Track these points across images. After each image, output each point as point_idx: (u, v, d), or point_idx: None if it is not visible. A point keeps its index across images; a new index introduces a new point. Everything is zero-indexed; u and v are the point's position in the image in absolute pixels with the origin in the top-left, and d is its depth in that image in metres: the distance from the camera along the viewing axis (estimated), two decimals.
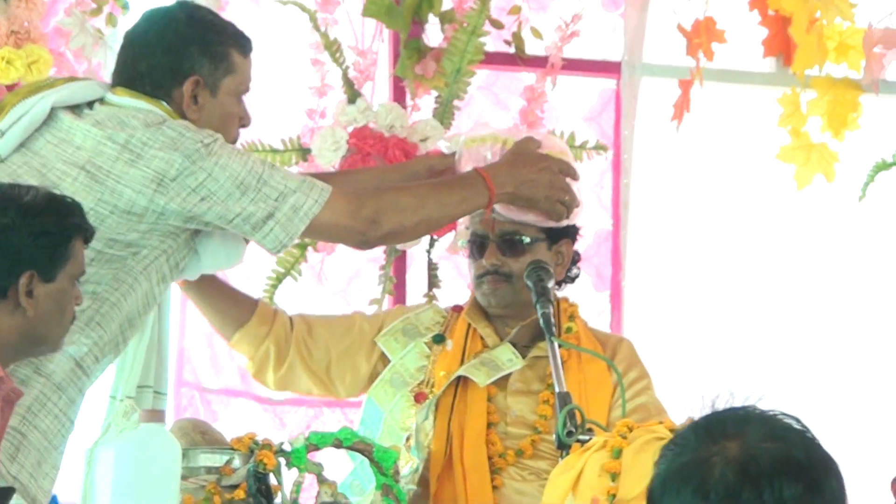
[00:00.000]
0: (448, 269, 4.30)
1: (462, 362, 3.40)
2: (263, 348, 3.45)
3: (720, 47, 4.44)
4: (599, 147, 4.39)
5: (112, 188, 2.86)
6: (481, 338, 3.46)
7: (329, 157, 4.24)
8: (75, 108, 2.97)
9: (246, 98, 3.16)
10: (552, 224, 3.39)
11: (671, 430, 2.68)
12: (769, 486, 1.72)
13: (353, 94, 4.30)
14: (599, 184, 4.49)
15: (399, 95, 4.39)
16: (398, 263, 4.37)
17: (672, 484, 1.75)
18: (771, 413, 1.79)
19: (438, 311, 3.57)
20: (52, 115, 2.96)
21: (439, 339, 3.47)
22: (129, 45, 3.09)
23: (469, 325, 3.46)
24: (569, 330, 3.48)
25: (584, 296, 4.37)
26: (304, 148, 4.28)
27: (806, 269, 4.72)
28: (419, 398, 3.39)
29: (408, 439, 3.35)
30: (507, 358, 3.37)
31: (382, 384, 3.41)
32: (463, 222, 3.61)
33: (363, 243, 3.11)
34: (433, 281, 4.26)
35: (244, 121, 3.11)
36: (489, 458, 3.33)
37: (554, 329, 3.19)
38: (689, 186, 4.64)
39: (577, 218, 3.46)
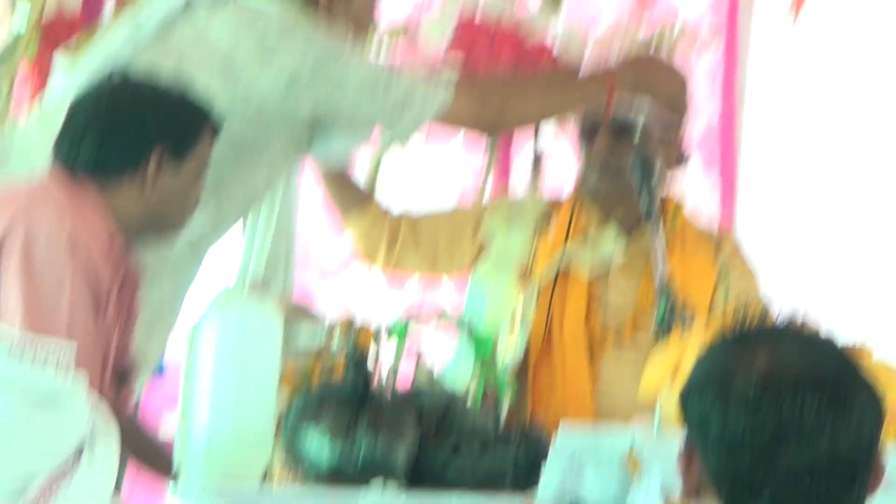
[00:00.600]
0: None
1: (566, 241, 3.35)
2: (377, 228, 3.44)
3: None
4: (712, 39, 4.25)
5: (245, 88, 2.92)
6: (584, 225, 3.41)
7: (435, 45, 4.15)
8: (212, 2, 3.00)
9: None
10: (671, 117, 3.33)
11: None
12: (791, 399, 1.69)
13: None
14: (712, 73, 4.37)
15: None
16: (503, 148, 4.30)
17: (698, 387, 1.75)
18: (810, 331, 1.77)
19: (541, 198, 3.52)
20: (188, 7, 3.00)
21: (542, 225, 3.42)
22: None
23: (574, 203, 3.42)
24: (672, 227, 3.42)
25: (692, 181, 4.32)
26: (410, 37, 4.20)
27: None
28: (524, 279, 3.35)
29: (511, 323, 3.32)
30: (610, 242, 3.32)
31: (488, 264, 3.40)
32: None
33: (489, 131, 3.29)
34: (536, 173, 4.18)
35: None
36: (588, 344, 3.28)
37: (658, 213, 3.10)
38: (806, 83, 4.50)
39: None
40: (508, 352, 3.26)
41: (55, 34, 3.89)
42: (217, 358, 2.45)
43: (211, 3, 3.00)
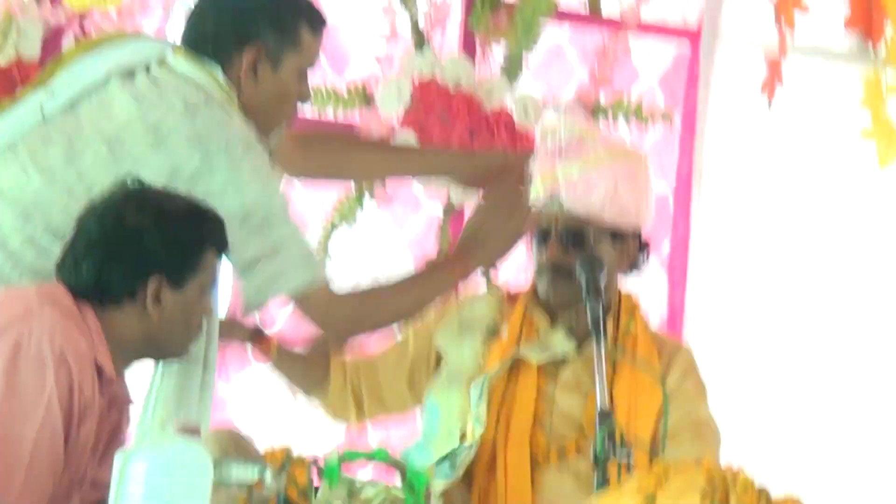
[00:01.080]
0: None
1: (518, 342, 3.31)
2: (343, 397, 3.40)
3: (801, 20, 4.30)
4: (665, 116, 4.29)
5: (129, 169, 2.73)
6: (537, 326, 3.37)
7: (392, 107, 4.19)
8: (130, 73, 2.85)
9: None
10: (616, 223, 3.28)
11: (709, 476, 2.58)
12: None
13: (420, 42, 4.24)
14: (658, 150, 4.39)
15: (469, 47, 4.32)
16: (456, 222, 4.32)
17: None
18: None
19: (494, 298, 3.44)
20: (105, 78, 2.84)
21: (493, 331, 3.38)
22: (201, 2, 2.96)
23: (525, 311, 3.36)
24: (627, 330, 3.36)
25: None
26: (368, 96, 4.23)
27: (890, 255, 4.58)
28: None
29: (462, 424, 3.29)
30: (560, 342, 3.27)
31: (440, 383, 3.33)
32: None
33: (336, 338, 3.15)
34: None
35: (303, 97, 2.94)
36: (531, 454, 3.24)
37: (602, 330, 3.02)
38: (762, 160, 4.52)
39: (649, 219, 3.35)
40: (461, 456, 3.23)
41: (12, 77, 3.92)
42: (146, 496, 2.45)
43: (127, 72, 2.84)
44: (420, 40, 4.23)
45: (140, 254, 2.57)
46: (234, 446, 2.82)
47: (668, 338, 3.50)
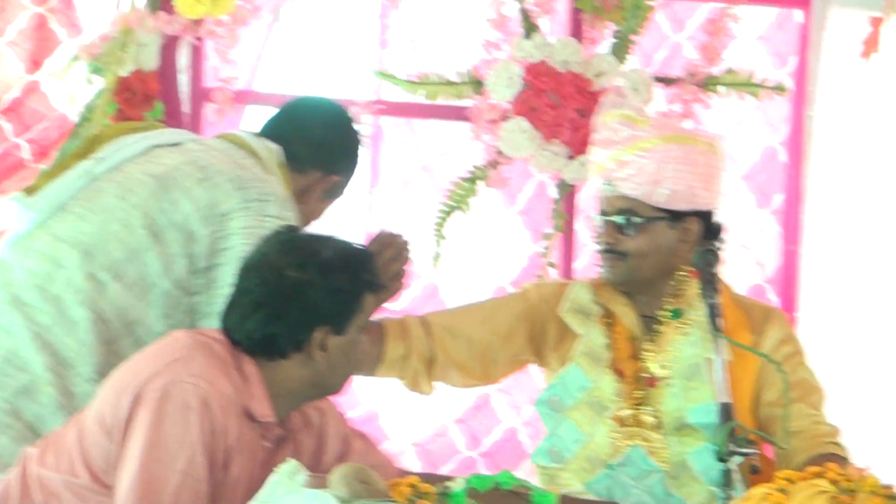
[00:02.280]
0: None
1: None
2: (410, 368, 3.45)
3: None
4: (779, 88, 4.27)
5: (175, 199, 2.95)
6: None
7: (503, 93, 4.22)
8: (174, 144, 3.09)
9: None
10: (669, 205, 3.33)
11: (834, 482, 2.62)
12: None
13: (530, 28, 4.26)
14: (768, 103, 4.36)
15: (577, 30, 4.33)
16: (568, 199, 4.37)
17: None
18: None
19: (585, 289, 3.50)
20: (151, 148, 3.08)
21: (607, 320, 3.44)
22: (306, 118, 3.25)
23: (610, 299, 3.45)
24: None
25: (746, 214, 4.34)
26: (478, 80, 4.27)
27: None
28: (620, 374, 3.39)
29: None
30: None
31: (581, 356, 3.40)
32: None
33: None
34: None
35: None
36: None
37: (720, 325, 3.07)
38: (873, 126, 4.49)
39: (713, 201, 3.38)
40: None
41: (133, 89, 4.01)
42: None
43: (171, 144, 3.06)
44: (529, 26, 4.25)
45: (305, 309, 2.65)
46: (361, 483, 2.91)
47: (756, 302, 3.52)
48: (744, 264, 4.37)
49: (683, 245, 3.38)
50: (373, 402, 4.40)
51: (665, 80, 4.32)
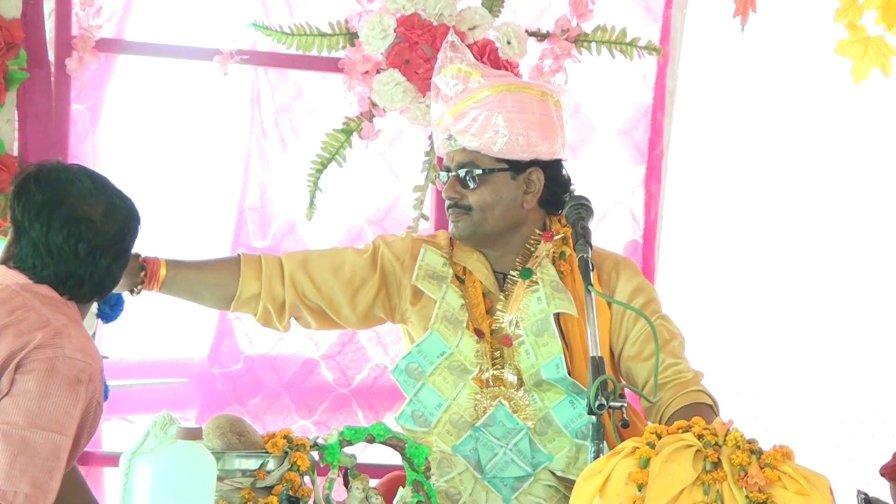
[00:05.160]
0: None
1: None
2: (261, 306, 3.48)
3: None
4: (651, 48, 4.32)
5: None
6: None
7: (377, 45, 4.22)
8: None
9: None
10: (508, 155, 3.38)
11: (700, 436, 2.68)
12: None
13: None
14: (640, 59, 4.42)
15: None
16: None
17: None
18: None
19: (435, 253, 3.52)
20: None
21: (460, 281, 3.48)
22: None
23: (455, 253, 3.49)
24: (562, 255, 3.47)
25: (620, 168, 4.40)
26: (351, 32, 4.26)
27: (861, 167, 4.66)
28: (479, 334, 3.41)
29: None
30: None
31: (438, 321, 3.43)
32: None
33: None
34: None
35: None
36: None
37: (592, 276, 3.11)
38: (738, 81, 4.57)
39: (555, 150, 3.43)
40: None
41: (6, 36, 3.92)
42: (151, 498, 2.58)
43: None
44: None
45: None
46: (236, 435, 2.92)
47: (606, 252, 3.56)
48: (618, 220, 4.43)
49: (527, 196, 3.43)
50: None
51: (538, 35, 4.35)
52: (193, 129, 4.51)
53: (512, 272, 3.44)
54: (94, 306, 3.63)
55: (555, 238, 3.47)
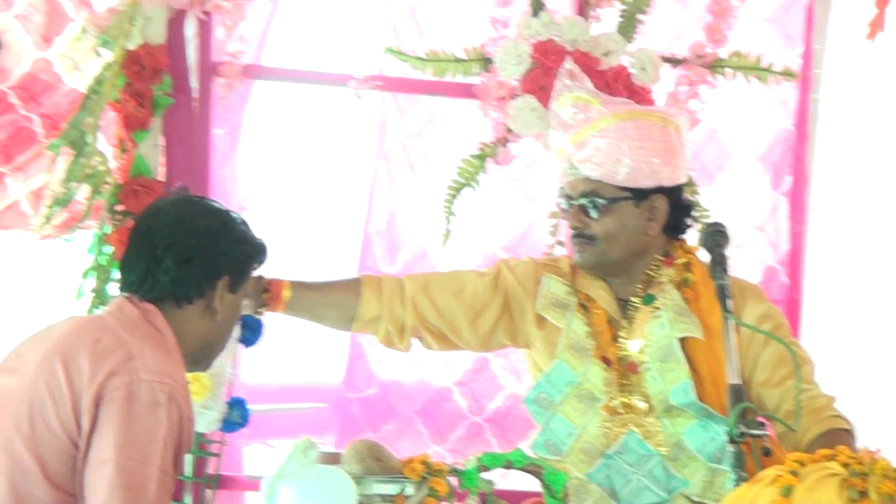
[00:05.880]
0: None
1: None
2: (382, 328, 3.49)
3: None
4: (787, 73, 4.27)
5: None
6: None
7: (512, 71, 4.22)
8: None
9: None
10: (632, 183, 3.35)
11: (846, 465, 2.63)
12: None
13: (536, 6, 4.26)
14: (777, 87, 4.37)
15: (581, 8, 4.33)
16: None
17: None
18: None
19: (557, 282, 3.50)
20: None
21: (584, 308, 3.46)
22: None
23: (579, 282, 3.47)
24: (685, 282, 3.43)
25: (758, 195, 4.35)
26: (486, 58, 4.26)
27: None
28: (606, 361, 3.40)
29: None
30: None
31: (565, 350, 3.42)
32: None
33: None
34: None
35: None
36: None
37: (729, 305, 3.09)
38: (879, 106, 4.50)
39: (677, 176, 3.41)
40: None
41: (142, 62, 4.00)
42: None
43: None
44: (537, 3, 4.25)
45: (215, 255, 2.71)
46: (375, 460, 2.93)
47: (733, 277, 3.46)
48: (757, 246, 4.39)
49: (651, 223, 3.40)
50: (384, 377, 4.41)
51: (672, 61, 4.32)
52: (320, 154, 4.56)
53: (634, 298, 3.42)
54: (237, 331, 3.67)
55: (676, 263, 3.45)
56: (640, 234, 3.39)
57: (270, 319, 3.74)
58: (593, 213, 3.37)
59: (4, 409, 2.56)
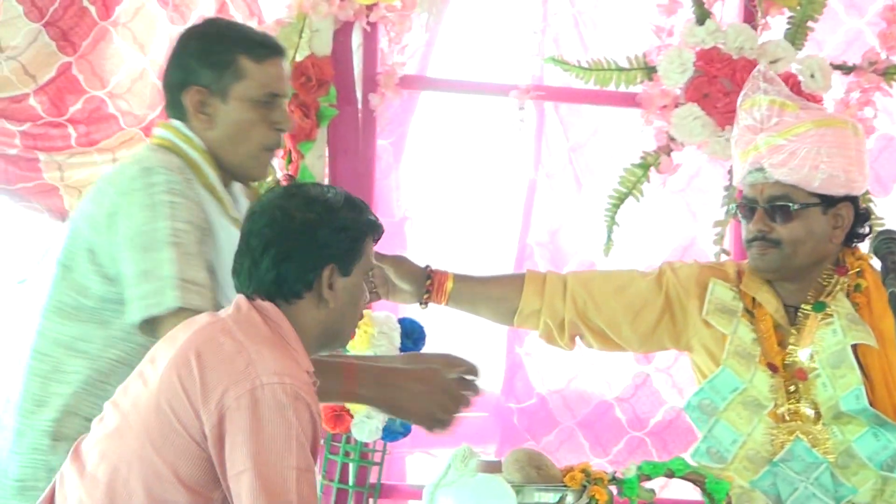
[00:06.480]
0: None
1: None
2: (542, 322, 3.47)
3: None
4: None
5: (74, 228, 2.96)
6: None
7: (675, 79, 4.18)
8: None
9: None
10: (825, 190, 3.28)
11: None
12: None
13: (702, 14, 4.21)
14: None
15: (749, 16, 4.27)
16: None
17: None
18: None
19: (724, 287, 3.45)
20: None
21: (750, 314, 3.41)
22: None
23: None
24: (857, 288, 3.36)
25: None
26: (649, 66, 4.23)
27: None
28: (772, 368, 3.35)
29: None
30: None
31: (731, 357, 3.37)
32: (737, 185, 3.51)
33: None
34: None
35: (278, 124, 3.02)
36: None
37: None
38: None
39: (864, 184, 3.33)
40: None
41: (308, 74, 4.06)
42: None
43: None
44: (702, 13, 4.20)
45: (314, 246, 2.68)
46: (535, 468, 2.92)
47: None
48: None
49: (836, 231, 3.34)
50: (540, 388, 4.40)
51: (843, 68, 4.23)
52: (481, 164, 4.57)
53: (804, 306, 3.36)
54: (397, 339, 3.69)
55: (850, 272, 3.38)
56: (825, 242, 3.35)
57: (429, 328, 3.76)
58: (781, 218, 3.33)
59: (138, 417, 2.61)
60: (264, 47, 3.02)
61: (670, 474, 2.97)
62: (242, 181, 3.07)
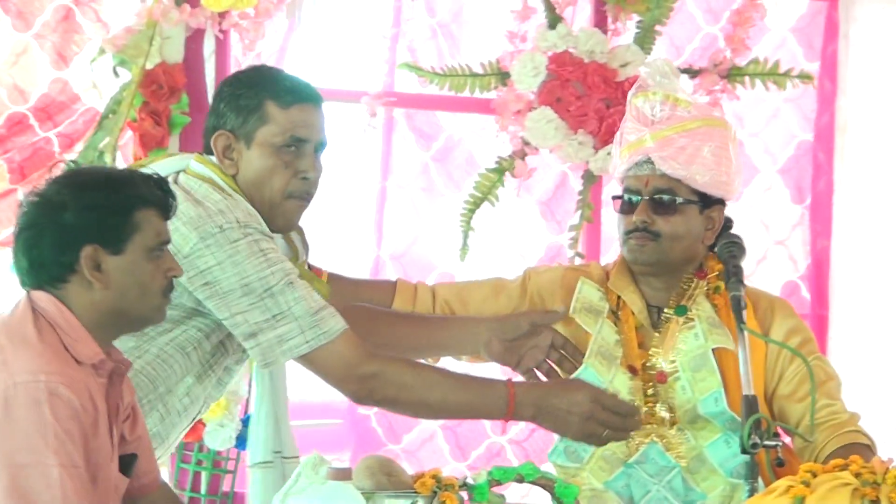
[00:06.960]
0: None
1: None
2: None
3: None
4: (804, 76, 4.25)
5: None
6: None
7: (528, 83, 4.22)
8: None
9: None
10: (706, 189, 3.33)
11: (857, 474, 2.60)
12: None
13: (554, 19, 4.26)
14: (801, 97, 4.34)
15: (600, 20, 4.33)
16: (595, 190, 4.36)
17: None
18: None
19: (592, 287, 3.49)
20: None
21: (616, 316, 3.44)
22: None
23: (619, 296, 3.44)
24: (717, 290, 3.41)
25: (780, 209, 4.31)
26: (503, 72, 4.27)
27: None
28: (632, 371, 3.38)
29: None
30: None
31: (593, 356, 3.40)
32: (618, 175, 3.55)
33: (353, 399, 3.04)
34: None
35: (303, 173, 2.94)
36: None
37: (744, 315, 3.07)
38: None
39: (738, 190, 3.39)
40: None
41: (159, 81, 4.03)
42: None
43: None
44: (553, 18, 4.25)
45: (60, 228, 2.59)
46: (385, 475, 2.92)
47: (761, 292, 3.47)
48: (777, 260, 4.35)
49: (707, 233, 3.38)
50: None
51: (690, 72, 4.31)
52: (331, 173, 4.55)
53: (667, 310, 3.40)
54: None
55: (709, 276, 3.43)
56: (697, 242, 3.37)
57: None
58: (663, 211, 3.35)
59: None
60: (292, 93, 2.94)
61: (520, 479, 2.98)
62: (271, 230, 2.96)
